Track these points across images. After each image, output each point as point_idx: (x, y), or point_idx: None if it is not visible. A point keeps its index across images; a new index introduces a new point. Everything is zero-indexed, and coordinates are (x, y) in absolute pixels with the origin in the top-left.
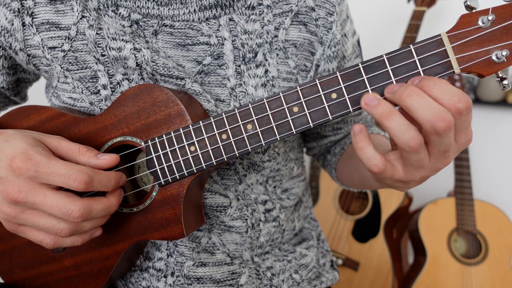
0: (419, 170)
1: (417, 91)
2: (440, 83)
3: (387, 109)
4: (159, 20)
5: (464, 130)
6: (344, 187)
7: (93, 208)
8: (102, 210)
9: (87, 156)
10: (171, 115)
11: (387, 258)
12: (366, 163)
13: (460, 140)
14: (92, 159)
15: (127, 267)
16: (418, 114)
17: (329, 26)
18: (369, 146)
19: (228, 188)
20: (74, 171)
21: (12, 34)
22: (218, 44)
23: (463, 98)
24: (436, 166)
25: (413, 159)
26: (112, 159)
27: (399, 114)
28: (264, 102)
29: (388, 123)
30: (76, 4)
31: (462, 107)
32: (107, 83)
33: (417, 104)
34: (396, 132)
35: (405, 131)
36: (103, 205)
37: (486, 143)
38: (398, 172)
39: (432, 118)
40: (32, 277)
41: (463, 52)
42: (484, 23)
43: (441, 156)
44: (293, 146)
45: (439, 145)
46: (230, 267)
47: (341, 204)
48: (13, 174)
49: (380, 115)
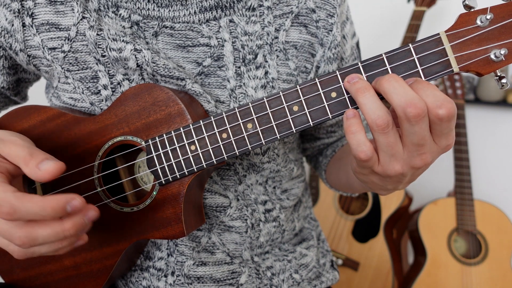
0: (393, 159)
1: (397, 79)
2: (428, 86)
3: (363, 85)
4: (160, 21)
5: (445, 135)
6: (333, 189)
7: (37, 235)
8: (51, 236)
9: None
10: (172, 115)
11: (387, 258)
12: (355, 149)
13: (441, 143)
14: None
15: (128, 267)
16: (392, 98)
17: (330, 28)
18: (361, 131)
19: (228, 189)
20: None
21: (12, 34)
22: (218, 46)
23: (445, 105)
24: (412, 161)
25: (383, 142)
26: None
27: (373, 92)
28: (264, 101)
29: (361, 98)
30: (77, 5)
31: (442, 113)
32: (108, 83)
33: (394, 89)
34: (367, 108)
35: (375, 109)
36: (50, 231)
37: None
38: (375, 162)
39: (404, 103)
40: (32, 277)
41: (461, 51)
42: (483, 22)
43: (415, 149)
44: (292, 147)
45: (412, 135)
46: (230, 266)
47: (341, 204)
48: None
49: (356, 90)
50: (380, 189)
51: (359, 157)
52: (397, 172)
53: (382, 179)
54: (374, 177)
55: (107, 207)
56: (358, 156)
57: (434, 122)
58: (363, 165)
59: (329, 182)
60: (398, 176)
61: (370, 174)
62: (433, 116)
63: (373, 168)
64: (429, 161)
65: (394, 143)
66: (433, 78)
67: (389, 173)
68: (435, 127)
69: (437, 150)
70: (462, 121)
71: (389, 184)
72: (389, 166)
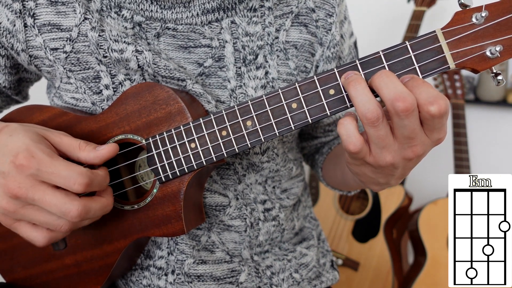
0: (384, 151)
1: (388, 74)
2: (423, 84)
3: (354, 78)
4: (162, 23)
5: (437, 130)
6: (329, 187)
7: (91, 208)
8: (100, 209)
9: (87, 150)
10: (172, 113)
11: (387, 258)
12: (345, 140)
13: (433, 137)
14: (92, 152)
15: (128, 266)
16: (382, 92)
17: (329, 27)
18: (352, 123)
19: (227, 188)
20: (75, 173)
21: (14, 35)
22: (220, 47)
23: (437, 102)
24: (403, 153)
25: (373, 134)
26: (111, 148)
27: (365, 85)
28: (263, 98)
29: (352, 91)
30: (79, 6)
31: (433, 110)
32: (109, 83)
33: (384, 84)
34: (357, 101)
35: (366, 102)
36: (101, 205)
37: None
38: (367, 153)
39: (393, 97)
40: (33, 276)
41: (457, 48)
42: (478, 20)
43: (406, 142)
44: (291, 146)
45: (402, 128)
46: (229, 265)
47: (341, 204)
48: (16, 170)
49: (348, 83)
50: (373, 183)
51: (348, 149)
52: (388, 163)
53: (374, 170)
54: (366, 168)
55: None
56: (347, 147)
57: (426, 118)
58: (354, 157)
59: (325, 179)
60: (389, 167)
61: (362, 165)
62: (425, 113)
63: (365, 159)
64: (420, 153)
65: (385, 135)
66: (429, 75)
67: (380, 164)
68: (427, 123)
69: (429, 143)
70: (462, 121)
71: (381, 177)
72: (381, 157)
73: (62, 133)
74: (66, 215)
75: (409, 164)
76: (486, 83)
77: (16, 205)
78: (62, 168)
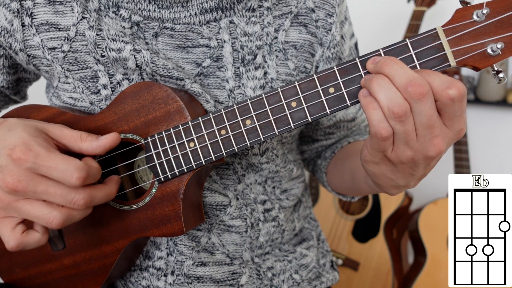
0: (407, 146)
1: (397, 61)
2: (432, 72)
3: (377, 75)
4: (160, 22)
5: (458, 118)
6: (334, 193)
7: (95, 196)
8: (103, 197)
9: (88, 140)
10: (171, 112)
11: (387, 258)
12: (376, 125)
13: (454, 127)
14: (94, 142)
15: (127, 267)
16: (394, 81)
17: (329, 27)
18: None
19: (227, 188)
20: (72, 167)
21: (12, 34)
22: (218, 47)
23: (455, 84)
24: (426, 149)
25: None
26: (113, 137)
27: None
28: (262, 97)
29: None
30: (77, 6)
31: (453, 93)
32: (107, 83)
33: (395, 71)
34: (383, 96)
35: (392, 96)
36: (104, 193)
37: (486, 143)
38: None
39: (404, 83)
40: (31, 276)
41: (458, 45)
42: (479, 17)
43: (427, 132)
44: (291, 148)
45: (418, 115)
46: (230, 267)
47: (341, 204)
48: (13, 163)
49: (370, 80)
50: (391, 186)
51: (380, 134)
52: (410, 157)
53: (394, 169)
54: (386, 167)
55: (106, 205)
56: (379, 132)
57: (446, 104)
58: (380, 146)
59: (331, 185)
60: (410, 164)
61: (382, 162)
62: (445, 98)
63: (386, 153)
64: (443, 147)
65: (411, 130)
66: None
67: (402, 159)
68: (447, 110)
69: (451, 135)
70: None
71: (401, 178)
72: (403, 151)
73: (62, 126)
74: (72, 204)
75: (431, 163)
76: (486, 83)
77: (11, 198)
78: (59, 161)
